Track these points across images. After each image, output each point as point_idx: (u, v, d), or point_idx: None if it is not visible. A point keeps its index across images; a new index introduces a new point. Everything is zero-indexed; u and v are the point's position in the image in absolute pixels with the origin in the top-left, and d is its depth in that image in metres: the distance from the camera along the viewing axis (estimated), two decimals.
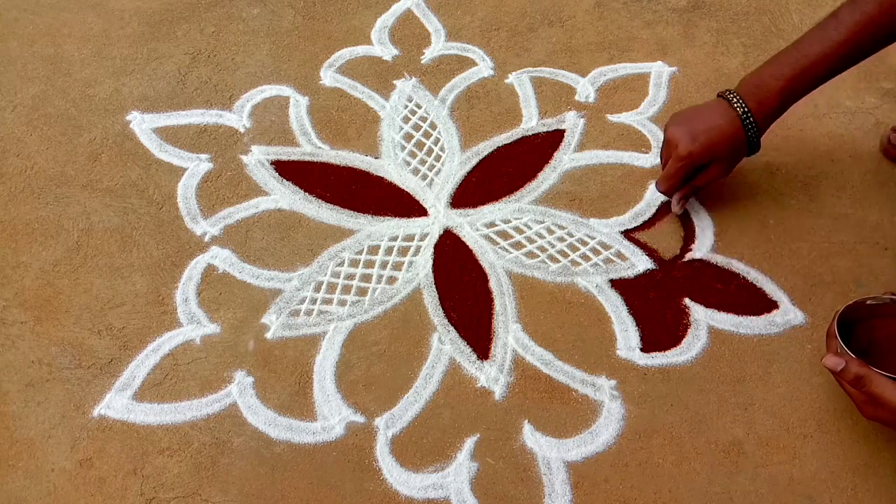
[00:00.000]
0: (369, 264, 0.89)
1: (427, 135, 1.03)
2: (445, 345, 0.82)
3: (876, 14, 0.74)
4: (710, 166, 0.84)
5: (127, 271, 0.90)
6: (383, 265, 0.89)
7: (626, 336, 0.82)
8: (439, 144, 1.02)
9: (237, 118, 1.05)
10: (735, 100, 0.81)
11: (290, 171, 0.99)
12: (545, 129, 1.03)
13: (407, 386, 0.80)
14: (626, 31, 1.15)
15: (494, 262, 0.89)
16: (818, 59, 0.77)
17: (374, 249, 0.91)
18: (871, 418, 0.66)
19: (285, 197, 0.96)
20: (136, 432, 0.77)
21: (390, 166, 1.00)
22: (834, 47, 0.76)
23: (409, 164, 1.00)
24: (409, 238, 0.92)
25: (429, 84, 1.09)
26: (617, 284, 0.87)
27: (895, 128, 0.96)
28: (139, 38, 1.16)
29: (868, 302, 0.71)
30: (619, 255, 0.89)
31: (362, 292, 0.87)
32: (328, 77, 1.10)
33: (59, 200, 0.96)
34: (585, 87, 1.07)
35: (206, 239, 0.92)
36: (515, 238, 0.91)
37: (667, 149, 0.86)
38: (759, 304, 0.84)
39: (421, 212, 0.95)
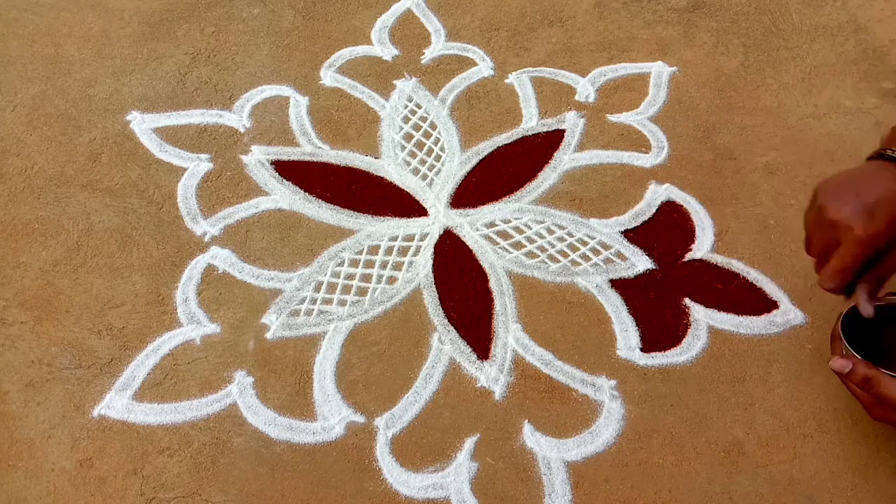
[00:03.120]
0: (369, 264, 0.89)
1: (427, 135, 1.03)
2: (445, 345, 0.82)
3: None
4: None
5: (127, 271, 0.90)
6: (383, 265, 0.89)
7: (626, 336, 0.82)
8: (439, 144, 1.02)
9: (237, 118, 1.05)
10: None
11: (290, 171, 0.99)
12: (545, 129, 1.03)
13: (407, 386, 0.80)
14: (626, 31, 1.15)
15: (494, 262, 0.89)
16: None
17: (374, 249, 0.91)
18: (879, 420, 0.66)
19: (285, 197, 0.96)
20: (136, 432, 0.77)
21: (390, 166, 1.00)
22: None
23: (409, 164, 1.00)
24: (409, 238, 0.92)
25: (429, 84, 1.09)
26: (617, 284, 0.87)
27: (895, 128, 0.95)
28: (139, 38, 1.16)
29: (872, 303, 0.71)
30: (619, 255, 0.89)
31: (362, 292, 0.87)
32: (328, 77, 1.10)
33: (59, 200, 0.96)
34: (585, 87, 1.07)
35: (206, 239, 0.92)
36: (515, 238, 0.91)
37: (830, 232, 0.65)
38: (759, 304, 0.84)
39: (421, 212, 0.95)
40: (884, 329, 0.71)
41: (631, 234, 0.91)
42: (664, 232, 0.91)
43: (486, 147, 1.01)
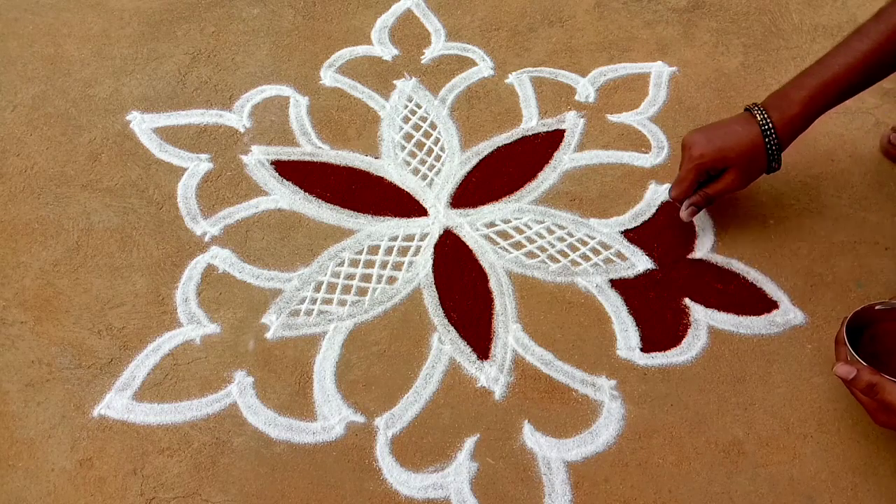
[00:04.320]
0: (369, 264, 0.90)
1: (427, 135, 1.03)
2: (445, 345, 0.82)
3: None
4: (724, 174, 0.81)
5: (127, 271, 0.90)
6: (383, 265, 0.89)
7: (626, 336, 0.82)
8: (439, 144, 1.02)
9: (237, 118, 1.05)
10: (756, 110, 0.79)
11: (290, 171, 0.99)
12: (545, 129, 1.03)
13: (407, 386, 0.80)
14: (626, 31, 1.15)
15: (494, 262, 0.89)
16: (842, 71, 0.75)
17: (374, 249, 0.91)
18: (883, 425, 0.66)
19: (285, 197, 0.96)
20: (136, 432, 0.77)
21: (390, 166, 1.00)
22: (859, 58, 0.74)
23: (409, 164, 1.00)
24: (409, 238, 0.92)
25: (429, 84, 1.09)
26: (617, 284, 0.87)
27: (895, 128, 0.96)
28: (139, 38, 1.16)
29: (877, 307, 0.71)
30: (619, 255, 0.89)
31: (362, 292, 0.87)
32: (328, 77, 1.10)
33: (59, 200, 0.96)
34: (585, 87, 1.07)
35: (206, 239, 0.92)
36: (515, 238, 0.91)
37: (682, 154, 0.83)
38: (759, 304, 0.84)
39: (421, 212, 0.95)
40: (885, 332, 0.71)
41: (631, 234, 0.91)
42: (664, 232, 0.91)
43: (486, 147, 1.01)
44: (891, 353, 0.70)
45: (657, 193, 0.95)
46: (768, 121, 0.78)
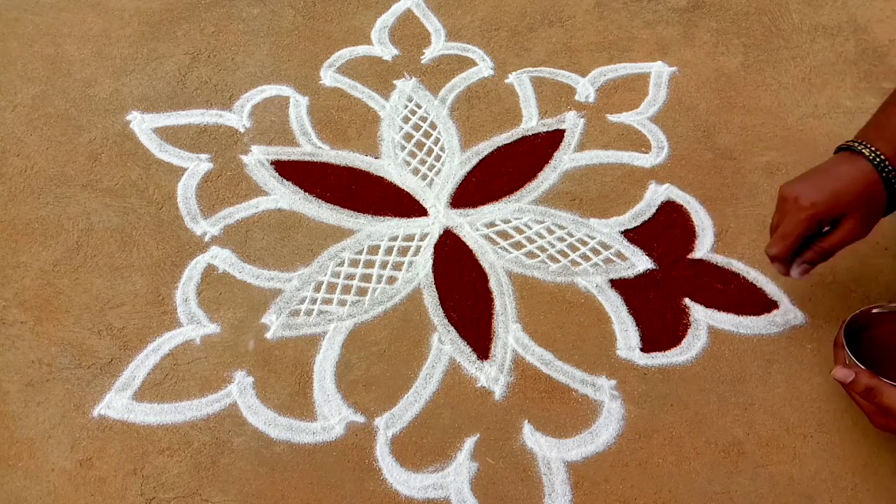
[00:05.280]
0: (369, 264, 0.89)
1: (427, 135, 1.03)
2: (445, 345, 0.82)
3: None
4: (842, 223, 0.69)
5: (127, 271, 0.90)
6: (383, 265, 0.89)
7: (626, 336, 0.82)
8: (439, 144, 1.02)
9: (237, 118, 1.05)
10: (860, 145, 0.69)
11: (290, 170, 0.99)
12: (545, 129, 1.03)
13: (407, 386, 0.80)
14: (626, 31, 1.15)
15: (494, 262, 0.89)
16: None
17: (374, 249, 0.91)
18: (882, 428, 0.66)
19: (285, 197, 0.96)
20: (136, 432, 0.77)
21: (390, 166, 1.00)
22: None
23: (409, 164, 1.00)
24: (409, 238, 0.92)
25: (429, 84, 1.09)
26: (617, 284, 0.87)
27: (869, 123, 0.95)
28: (139, 38, 1.16)
29: (874, 311, 0.71)
30: (619, 255, 0.89)
31: (362, 292, 0.87)
32: (328, 77, 1.10)
33: (59, 200, 0.96)
34: (585, 87, 1.07)
35: (206, 239, 0.92)
36: (515, 238, 0.91)
37: (782, 207, 0.71)
38: (759, 304, 0.84)
39: (421, 212, 0.95)
40: (885, 336, 0.71)
41: (631, 234, 0.91)
42: (664, 232, 0.91)
43: (486, 147, 1.01)
44: (889, 356, 0.70)
45: (657, 193, 0.95)
46: (878, 154, 0.68)
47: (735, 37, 1.13)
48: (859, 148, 0.69)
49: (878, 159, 0.68)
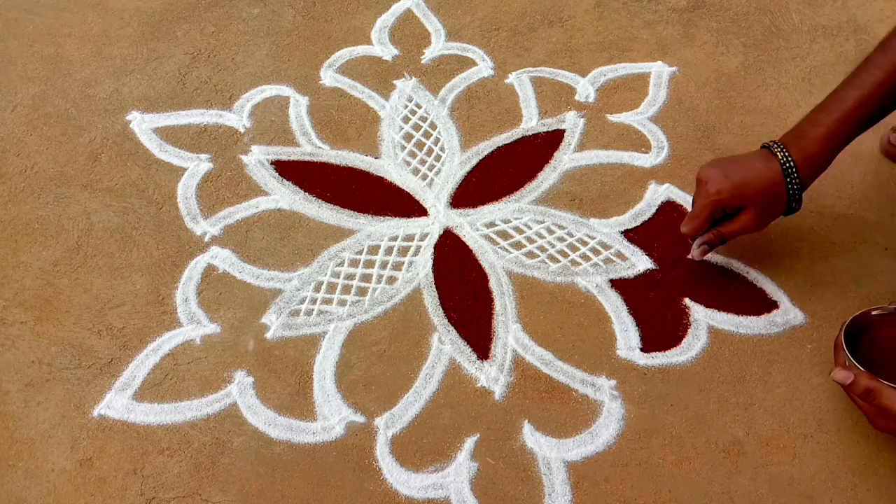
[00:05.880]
0: (369, 264, 0.89)
1: (427, 135, 1.03)
2: (445, 345, 0.82)
3: None
4: (741, 213, 0.76)
5: (127, 271, 0.90)
6: (383, 265, 0.89)
7: (626, 336, 0.82)
8: (439, 144, 1.02)
9: (237, 118, 1.05)
10: (776, 147, 0.75)
11: (290, 170, 0.99)
12: (545, 129, 1.03)
13: (407, 386, 0.80)
14: (626, 31, 1.15)
15: (494, 261, 0.89)
16: (857, 104, 0.73)
17: (374, 249, 0.91)
18: (882, 430, 0.66)
19: (285, 197, 0.96)
20: (136, 432, 0.77)
21: (390, 166, 1.00)
22: (871, 89, 0.72)
23: (409, 164, 1.00)
24: (409, 238, 0.92)
25: (429, 84, 1.09)
26: (617, 284, 0.87)
27: (895, 128, 0.95)
28: (139, 38, 1.16)
29: (874, 312, 0.71)
30: (619, 254, 0.89)
31: (362, 292, 0.87)
32: (328, 77, 1.10)
33: (59, 200, 0.96)
34: (585, 87, 1.07)
35: (206, 239, 0.92)
36: (515, 238, 0.91)
37: (696, 188, 0.78)
38: (759, 304, 0.84)
39: (421, 212, 0.95)
40: (883, 337, 0.71)
41: (631, 234, 0.91)
42: (664, 232, 0.91)
43: (486, 147, 1.01)
44: (889, 357, 0.70)
45: (657, 193, 0.95)
46: (789, 159, 0.74)
47: (735, 37, 1.13)
48: (775, 150, 0.75)
49: (787, 164, 0.74)
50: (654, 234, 0.91)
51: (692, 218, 0.79)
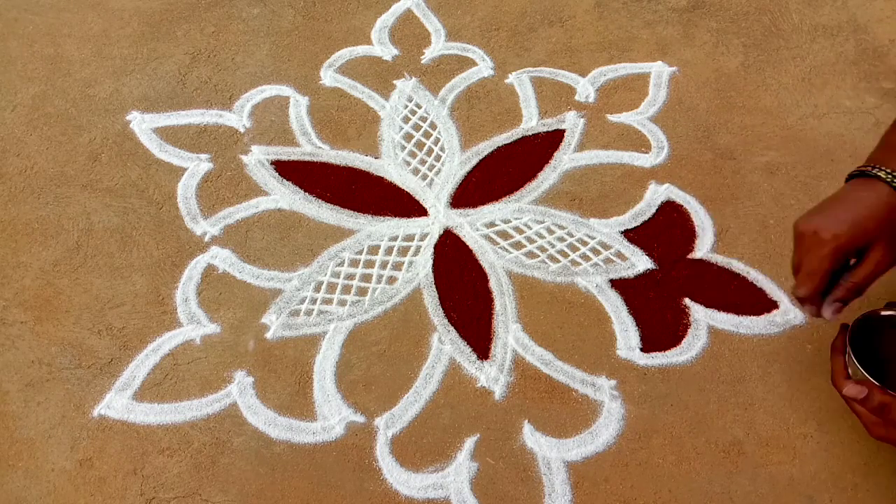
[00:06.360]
0: (369, 264, 0.89)
1: (427, 135, 1.03)
2: (445, 345, 0.82)
3: None
4: (869, 253, 0.64)
5: (127, 271, 0.90)
6: (383, 265, 0.89)
7: (626, 336, 0.82)
8: (439, 144, 1.02)
9: (237, 118, 1.05)
10: (875, 169, 0.65)
11: (290, 170, 0.99)
12: (545, 129, 1.03)
13: (407, 386, 0.80)
14: (626, 31, 1.15)
15: (494, 262, 0.89)
16: None
17: (374, 249, 0.91)
18: (880, 438, 0.64)
19: (285, 197, 0.96)
20: (136, 432, 0.77)
21: (390, 166, 1.00)
22: None
23: (409, 164, 1.00)
24: (409, 238, 0.92)
25: (429, 84, 1.09)
26: (617, 284, 0.87)
27: (880, 144, 0.95)
28: (139, 38, 1.16)
29: (873, 315, 0.70)
30: (619, 255, 0.89)
31: (362, 292, 0.87)
32: (328, 77, 1.10)
33: (59, 200, 0.96)
34: (585, 87, 1.07)
35: (206, 239, 0.92)
36: (515, 238, 0.91)
37: (801, 245, 0.67)
38: (759, 304, 0.84)
39: (421, 212, 0.95)
40: (885, 339, 0.71)
41: (631, 234, 0.91)
42: (664, 232, 0.91)
43: (486, 147, 1.01)
44: (887, 358, 0.70)
45: (657, 193, 0.95)
46: (895, 176, 0.64)
47: (735, 37, 1.13)
48: (875, 172, 0.65)
49: (894, 179, 0.64)
50: (654, 234, 0.91)
51: (809, 276, 0.66)
